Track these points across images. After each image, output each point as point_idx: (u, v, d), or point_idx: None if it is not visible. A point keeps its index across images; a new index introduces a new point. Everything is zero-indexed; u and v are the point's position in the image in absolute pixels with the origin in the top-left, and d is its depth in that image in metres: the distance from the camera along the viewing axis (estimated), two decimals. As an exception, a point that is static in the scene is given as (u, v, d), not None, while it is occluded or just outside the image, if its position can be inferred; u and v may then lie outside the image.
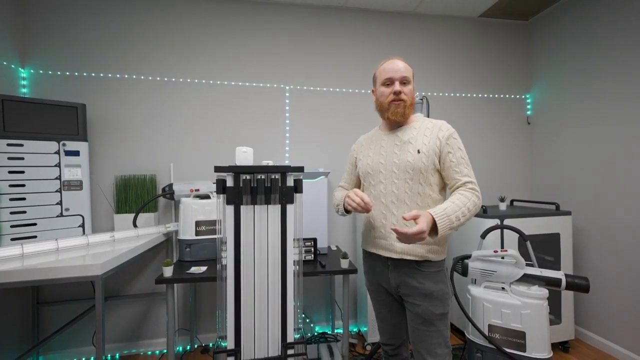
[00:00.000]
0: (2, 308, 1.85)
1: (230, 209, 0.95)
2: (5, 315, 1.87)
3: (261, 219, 0.97)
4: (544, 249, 2.19)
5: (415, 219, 1.00)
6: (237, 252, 0.96)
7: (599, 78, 2.14)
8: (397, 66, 1.18)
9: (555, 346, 2.14)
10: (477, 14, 2.58)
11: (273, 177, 0.96)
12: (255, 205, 0.96)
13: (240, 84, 2.32)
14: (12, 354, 1.88)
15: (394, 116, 1.19)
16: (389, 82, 1.19)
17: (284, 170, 0.98)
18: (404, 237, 0.98)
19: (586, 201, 2.24)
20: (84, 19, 2.12)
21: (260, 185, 0.95)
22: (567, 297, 2.14)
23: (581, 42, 2.26)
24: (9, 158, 1.72)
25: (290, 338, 1.02)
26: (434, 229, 1.02)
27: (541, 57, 2.59)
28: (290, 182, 1.01)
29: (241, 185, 0.94)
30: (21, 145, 1.75)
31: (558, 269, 2.11)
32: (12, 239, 1.70)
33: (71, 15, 2.10)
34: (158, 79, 2.21)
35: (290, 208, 1.00)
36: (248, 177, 0.95)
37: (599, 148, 2.15)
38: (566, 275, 1.51)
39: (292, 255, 1.01)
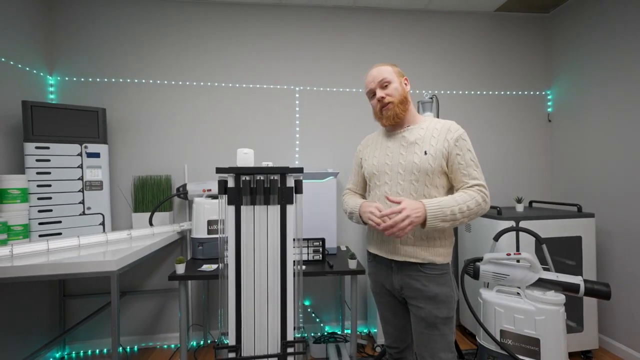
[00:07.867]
0: (34, 299, 2.00)
1: (231, 209, 0.98)
2: (37, 305, 2.02)
3: (260, 219, 0.99)
4: (564, 252, 2.09)
5: (399, 203, 1.05)
6: (238, 251, 0.98)
7: (625, 73, 2.01)
8: (371, 76, 1.21)
9: (577, 355, 2.04)
10: (493, 8, 2.49)
11: (272, 177, 0.98)
12: (255, 206, 0.99)
13: (251, 86, 2.37)
14: (42, 340, 2.03)
15: (388, 121, 1.20)
16: (371, 94, 1.23)
17: (282, 172, 0.99)
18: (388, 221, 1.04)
19: (611, 203, 2.11)
20: (105, 30, 2.24)
21: (260, 186, 0.97)
22: (590, 304, 2.02)
23: (606, 35, 2.13)
24: (37, 160, 1.85)
25: (290, 336, 1.03)
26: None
27: (563, 50, 2.47)
28: (290, 182, 1.03)
29: (241, 186, 0.96)
30: (47, 148, 1.87)
31: (579, 273, 2.00)
32: (40, 236, 1.83)
33: (93, 27, 2.23)
34: (173, 83, 2.30)
35: (290, 208, 1.02)
36: (247, 178, 0.97)
37: (625, 146, 2.02)
38: (585, 281, 1.43)
39: (292, 255, 1.03)
